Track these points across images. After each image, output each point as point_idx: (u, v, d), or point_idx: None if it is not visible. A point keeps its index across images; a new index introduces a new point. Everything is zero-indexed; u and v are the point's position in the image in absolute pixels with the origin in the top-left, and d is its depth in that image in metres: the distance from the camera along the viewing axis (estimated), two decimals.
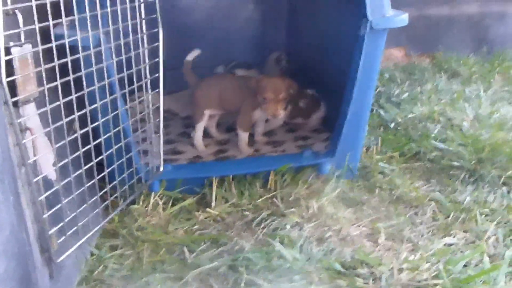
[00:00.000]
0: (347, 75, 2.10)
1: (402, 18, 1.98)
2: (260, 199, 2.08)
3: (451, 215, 1.97)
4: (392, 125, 2.69)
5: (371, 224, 1.94)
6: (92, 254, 1.76)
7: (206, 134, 2.53)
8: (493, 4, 4.01)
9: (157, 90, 1.93)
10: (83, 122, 1.54)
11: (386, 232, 1.88)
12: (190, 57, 2.49)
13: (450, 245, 1.81)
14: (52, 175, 1.52)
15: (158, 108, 1.96)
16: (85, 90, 1.53)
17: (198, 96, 2.43)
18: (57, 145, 1.41)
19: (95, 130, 1.62)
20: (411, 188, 2.16)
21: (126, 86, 1.76)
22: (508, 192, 2.12)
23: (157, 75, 1.92)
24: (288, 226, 1.91)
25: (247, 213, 2.01)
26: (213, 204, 2.06)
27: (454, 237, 1.85)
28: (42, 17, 1.33)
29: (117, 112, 1.74)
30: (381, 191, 2.17)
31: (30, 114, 1.31)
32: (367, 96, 2.12)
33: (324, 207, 2.02)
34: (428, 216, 1.99)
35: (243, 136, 2.41)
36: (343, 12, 2.41)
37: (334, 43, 2.55)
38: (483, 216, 1.96)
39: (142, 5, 1.79)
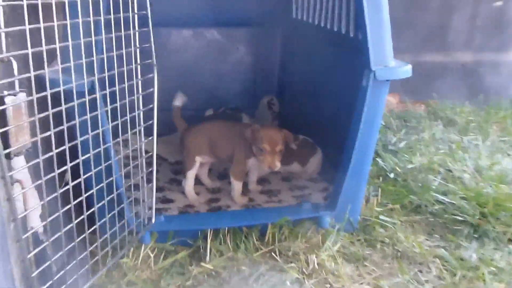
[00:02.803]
0: (347, 125, 2.08)
1: (406, 70, 1.98)
2: (257, 253, 2.04)
3: (458, 273, 1.93)
4: (392, 175, 2.68)
5: (374, 282, 1.90)
6: None
7: (197, 181, 2.50)
8: (486, 53, 4.08)
9: (150, 137, 1.89)
10: (73, 173, 1.49)
11: None
12: (178, 102, 2.47)
13: None
14: (39, 227, 1.46)
15: (150, 155, 1.92)
16: (79, 140, 1.48)
17: (188, 142, 2.40)
18: (48, 198, 1.35)
19: (86, 182, 1.57)
20: (414, 243, 2.13)
21: (120, 134, 1.71)
22: None
23: (151, 122, 1.88)
24: (288, 283, 1.86)
25: (244, 267, 1.96)
26: (207, 257, 2.00)
27: None
28: (36, 64, 1.29)
29: (110, 162, 1.69)
30: (383, 246, 2.14)
31: (21, 166, 1.26)
32: (369, 148, 2.11)
33: (324, 263, 1.98)
34: (433, 274, 1.95)
35: (237, 185, 2.38)
36: (342, 59, 2.42)
37: (330, 90, 2.57)
38: (491, 275, 1.92)
39: (138, 50, 1.76)
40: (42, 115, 1.29)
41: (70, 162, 1.44)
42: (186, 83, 3.13)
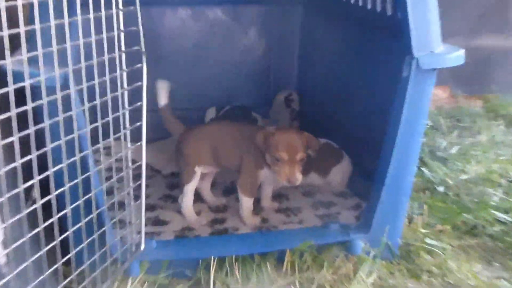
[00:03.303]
0: (383, 126, 2.08)
1: (457, 56, 1.97)
2: (273, 286, 2.03)
3: None
4: (441, 188, 2.67)
5: None
6: None
7: (197, 197, 2.50)
8: None
9: (139, 143, 1.88)
10: (42, 188, 1.49)
11: None
12: (162, 96, 2.42)
13: None
14: (1, 258, 1.46)
15: (138, 166, 1.92)
16: (49, 147, 1.47)
17: (187, 148, 2.40)
18: (11, 221, 1.35)
19: (58, 199, 1.56)
20: (469, 273, 2.11)
21: (101, 140, 1.70)
22: None
23: (139, 124, 1.87)
24: None
25: None
26: None
27: None
28: None
29: (88, 174, 1.68)
30: (431, 277, 2.12)
31: None
32: (412, 155, 2.10)
33: None
34: None
35: (247, 202, 2.38)
36: (376, 44, 2.42)
37: (362, 83, 2.57)
38: None
39: (122, 34, 1.76)
40: (3, 116, 1.28)
41: (39, 174, 1.43)
42: (183, 75, 3.16)
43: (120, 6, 1.70)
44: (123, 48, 1.76)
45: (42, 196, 1.48)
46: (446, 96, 3.90)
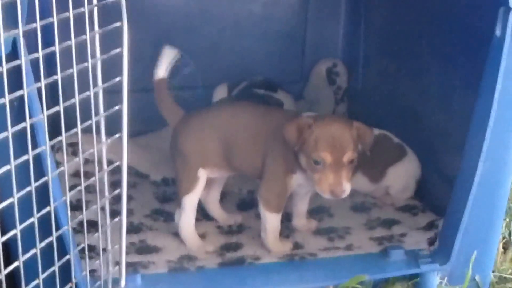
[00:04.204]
0: (468, 112, 2.09)
1: None
2: None
3: None
4: None
5: None
6: None
7: (202, 213, 2.53)
8: None
9: (117, 135, 1.89)
10: None
11: None
12: (162, 69, 2.44)
13: None
14: None
15: (117, 167, 1.92)
16: None
17: (186, 144, 2.42)
18: None
19: (3, 215, 1.59)
20: None
21: (63, 131, 1.72)
22: None
23: (117, 107, 1.88)
24: None
25: None
26: None
27: None
28: None
29: (44, 180, 1.70)
30: None
31: None
32: (509, 154, 2.11)
33: None
34: None
35: (272, 221, 2.39)
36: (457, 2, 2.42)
37: (440, 52, 2.58)
38: None
39: None
40: None
41: None
42: (180, 39, 3.10)
43: None
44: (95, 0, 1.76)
45: None
46: None
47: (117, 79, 1.83)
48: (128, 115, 1.85)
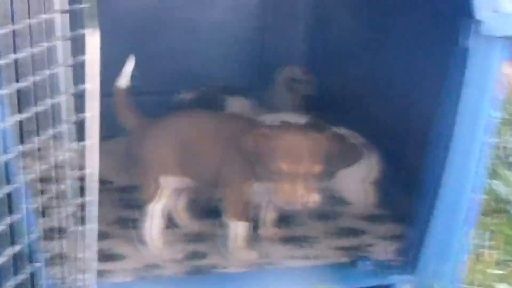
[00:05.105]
0: (431, 119, 2.13)
1: None
2: None
3: None
4: None
5: None
6: None
7: (168, 220, 2.54)
8: None
9: (88, 141, 1.90)
10: None
11: None
12: (123, 81, 2.47)
13: None
14: None
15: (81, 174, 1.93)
16: None
17: (145, 151, 2.44)
18: None
19: None
20: None
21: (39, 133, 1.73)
22: None
23: (89, 114, 1.88)
24: None
25: None
26: None
27: None
28: None
29: (10, 188, 1.72)
30: None
31: None
32: (474, 161, 2.13)
33: None
34: None
35: (237, 229, 2.42)
36: (422, 7, 2.46)
37: (401, 56, 2.62)
38: None
39: None
40: None
41: None
42: (142, 45, 3.24)
43: None
44: None
45: None
46: None
47: (87, 85, 1.84)
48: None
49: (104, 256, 2.39)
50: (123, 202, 2.81)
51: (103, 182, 2.79)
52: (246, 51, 3.46)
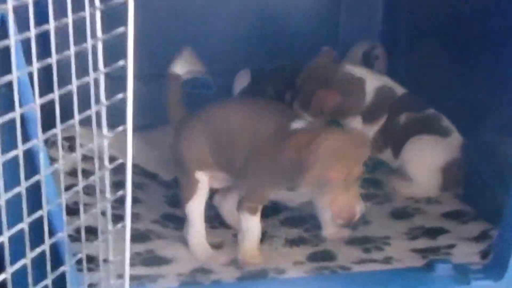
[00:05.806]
0: None
1: None
2: None
3: None
4: None
5: None
6: None
7: (217, 219, 2.51)
8: None
9: (121, 128, 1.81)
10: None
11: None
12: (180, 65, 2.47)
13: None
14: None
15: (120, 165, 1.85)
16: None
17: (180, 147, 2.43)
18: None
19: None
20: None
21: (58, 123, 1.63)
22: None
23: (121, 95, 1.80)
24: None
25: None
26: None
27: None
28: None
29: (36, 179, 1.60)
30: None
31: None
32: None
33: None
34: None
35: (247, 224, 2.35)
36: None
37: (487, 37, 2.57)
38: None
39: None
40: None
41: None
42: (194, 25, 3.21)
43: None
44: None
45: None
46: None
47: (121, 62, 1.76)
48: (133, 105, 1.73)
49: (146, 260, 2.36)
50: (169, 198, 2.76)
51: (147, 175, 2.78)
52: (321, 28, 3.45)
